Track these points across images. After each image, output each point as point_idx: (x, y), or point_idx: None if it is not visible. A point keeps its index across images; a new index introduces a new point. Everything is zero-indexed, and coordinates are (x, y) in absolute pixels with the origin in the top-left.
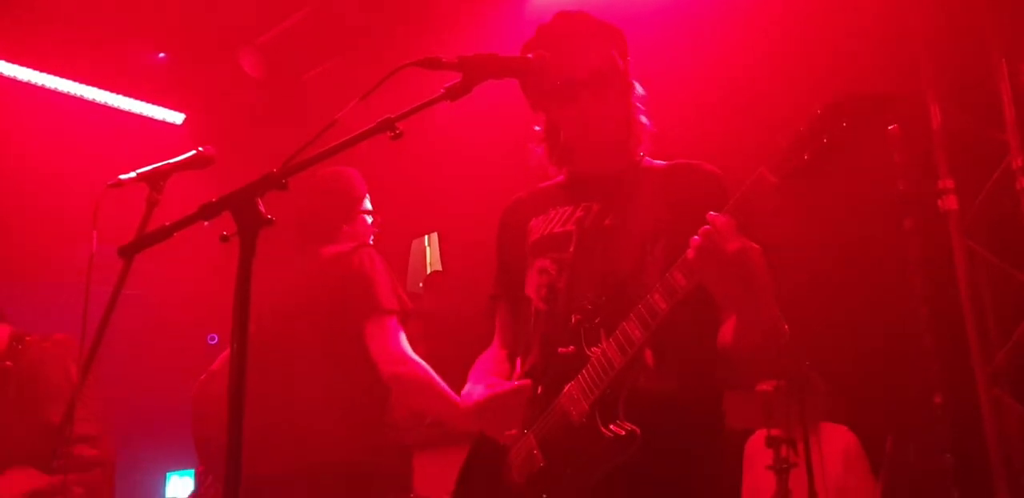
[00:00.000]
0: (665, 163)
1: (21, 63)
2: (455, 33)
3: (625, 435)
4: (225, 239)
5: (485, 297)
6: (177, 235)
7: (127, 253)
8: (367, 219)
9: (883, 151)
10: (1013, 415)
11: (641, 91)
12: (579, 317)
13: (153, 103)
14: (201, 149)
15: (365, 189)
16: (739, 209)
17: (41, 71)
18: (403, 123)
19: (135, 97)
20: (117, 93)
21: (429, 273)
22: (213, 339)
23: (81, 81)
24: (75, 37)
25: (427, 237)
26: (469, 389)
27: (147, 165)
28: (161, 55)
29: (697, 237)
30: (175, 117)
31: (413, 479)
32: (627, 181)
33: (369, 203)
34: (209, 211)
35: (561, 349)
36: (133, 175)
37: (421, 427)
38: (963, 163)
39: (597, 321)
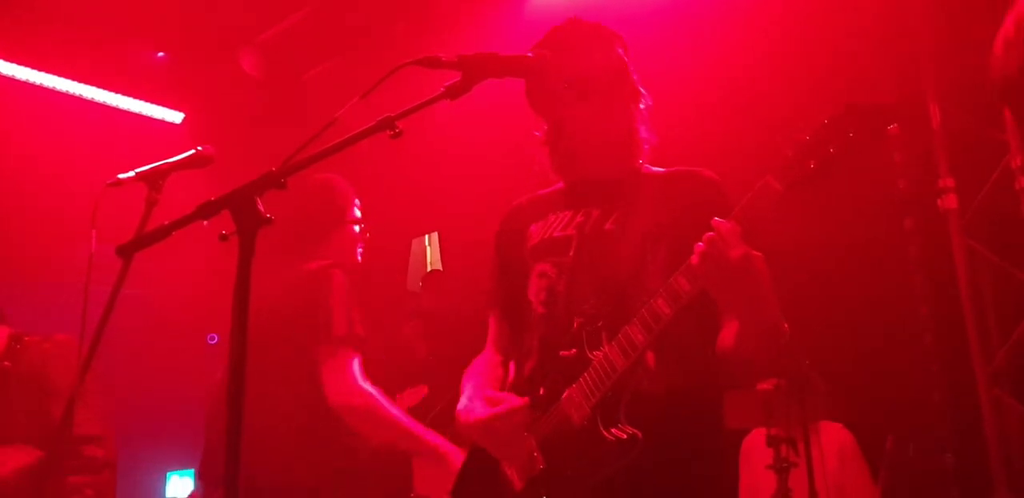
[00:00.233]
0: (664, 170)
1: (21, 63)
2: (455, 33)
3: (627, 439)
4: (224, 238)
5: (483, 296)
6: (176, 234)
7: (126, 252)
8: (355, 229)
9: (883, 151)
10: (1013, 415)
11: (648, 102)
12: (581, 320)
13: (152, 102)
14: (200, 148)
15: (352, 198)
16: (744, 216)
17: (41, 71)
18: (403, 122)
19: (135, 96)
20: (117, 92)
21: (428, 272)
22: (213, 339)
23: (81, 80)
24: (75, 37)
25: (427, 237)
26: (467, 404)
27: (146, 164)
28: (161, 55)
29: (702, 243)
30: (174, 116)
31: (413, 479)
32: (627, 187)
33: (359, 211)
34: (208, 210)
35: (562, 352)
36: (132, 174)
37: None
38: (963, 163)
39: (599, 325)
